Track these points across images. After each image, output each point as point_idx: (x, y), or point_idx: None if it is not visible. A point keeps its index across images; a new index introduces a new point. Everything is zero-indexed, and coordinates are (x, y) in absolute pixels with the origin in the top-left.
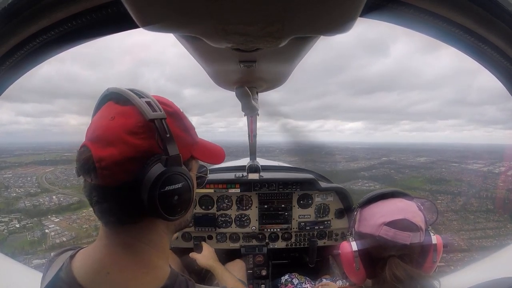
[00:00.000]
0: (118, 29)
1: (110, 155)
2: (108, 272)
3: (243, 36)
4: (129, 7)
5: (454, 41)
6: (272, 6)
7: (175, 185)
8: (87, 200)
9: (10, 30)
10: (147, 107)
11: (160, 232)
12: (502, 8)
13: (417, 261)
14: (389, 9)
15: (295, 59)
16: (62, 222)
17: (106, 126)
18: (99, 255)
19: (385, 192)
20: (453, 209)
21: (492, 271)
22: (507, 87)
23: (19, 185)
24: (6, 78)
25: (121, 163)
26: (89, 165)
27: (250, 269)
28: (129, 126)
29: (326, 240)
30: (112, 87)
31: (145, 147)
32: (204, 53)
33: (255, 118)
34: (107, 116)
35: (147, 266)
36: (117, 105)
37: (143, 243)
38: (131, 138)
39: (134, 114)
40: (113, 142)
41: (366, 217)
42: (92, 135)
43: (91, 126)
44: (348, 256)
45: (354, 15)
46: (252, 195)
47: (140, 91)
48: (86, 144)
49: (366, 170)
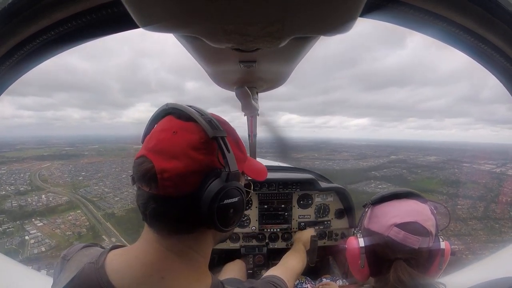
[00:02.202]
0: (118, 29)
1: (174, 167)
2: (162, 276)
3: (243, 36)
4: (129, 7)
5: (454, 41)
6: (272, 6)
7: (232, 199)
8: (139, 208)
9: (10, 30)
10: (209, 124)
11: (208, 242)
12: (502, 8)
13: (423, 266)
14: (389, 9)
15: (295, 59)
16: (45, 227)
17: (169, 139)
18: (150, 259)
19: (400, 192)
20: (476, 216)
21: (492, 271)
22: (507, 87)
23: (10, 182)
24: (6, 78)
25: (184, 175)
26: (150, 175)
27: (250, 269)
28: (193, 141)
29: (326, 240)
30: (172, 103)
31: (206, 162)
32: (204, 53)
33: (255, 118)
34: (169, 130)
35: (199, 273)
36: (179, 121)
37: (194, 251)
38: (194, 153)
39: (196, 130)
40: (177, 156)
41: (378, 215)
42: (154, 147)
43: (152, 138)
44: (354, 251)
45: (354, 15)
46: (252, 195)
47: (199, 109)
48: (146, 155)
49: (377, 169)
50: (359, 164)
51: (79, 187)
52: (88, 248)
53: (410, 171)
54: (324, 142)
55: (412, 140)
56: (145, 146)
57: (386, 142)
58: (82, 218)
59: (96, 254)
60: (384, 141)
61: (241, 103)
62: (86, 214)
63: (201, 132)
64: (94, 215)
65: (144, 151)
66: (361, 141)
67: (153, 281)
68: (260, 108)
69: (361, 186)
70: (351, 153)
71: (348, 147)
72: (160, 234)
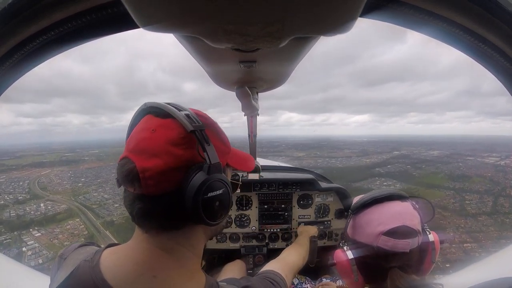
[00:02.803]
0: (118, 29)
1: (155, 165)
2: (154, 275)
3: (243, 36)
4: (129, 7)
5: (454, 41)
6: (272, 6)
7: (216, 192)
8: (126, 209)
9: (10, 30)
10: (187, 119)
11: (199, 238)
12: (502, 8)
13: (417, 264)
14: (389, 9)
15: (295, 59)
16: (43, 237)
17: (149, 138)
18: (142, 258)
19: (380, 195)
20: (485, 212)
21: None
22: (507, 87)
23: (9, 191)
24: (6, 79)
25: (165, 172)
26: (132, 175)
27: (250, 269)
28: (172, 137)
29: (326, 240)
30: (150, 102)
31: (187, 156)
32: (204, 53)
33: (255, 118)
34: (148, 129)
35: (191, 272)
36: (158, 118)
37: (185, 248)
38: (174, 149)
39: (175, 126)
40: (157, 154)
41: (362, 225)
42: (135, 148)
43: (132, 139)
44: (344, 265)
45: (354, 15)
46: (252, 195)
47: (178, 105)
48: (128, 156)
49: (381, 166)
50: (362, 161)
51: (78, 194)
52: (85, 247)
53: (414, 166)
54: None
55: (413, 135)
56: (127, 148)
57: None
58: (81, 227)
59: (91, 252)
60: (385, 136)
61: (241, 103)
62: (85, 222)
63: (180, 127)
64: (93, 223)
65: (126, 153)
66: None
67: (145, 280)
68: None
69: (366, 184)
70: (353, 150)
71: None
72: (149, 233)
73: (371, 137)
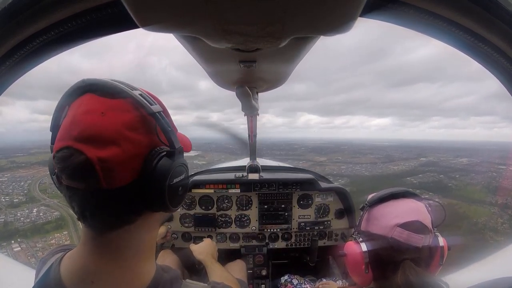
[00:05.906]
0: (118, 29)
1: (113, 155)
2: (92, 281)
3: (243, 36)
4: (129, 8)
5: (454, 41)
6: (272, 6)
7: (180, 177)
8: (73, 209)
9: (10, 30)
10: (143, 100)
11: (152, 228)
12: (502, 8)
13: (426, 264)
14: (389, 9)
15: (295, 59)
16: (21, 253)
17: (99, 123)
18: (83, 262)
19: (397, 191)
20: None
21: (492, 271)
22: (507, 87)
23: (8, 192)
24: (6, 79)
25: (125, 161)
26: (85, 169)
27: (250, 269)
28: (128, 121)
29: (326, 240)
30: (90, 78)
31: (146, 142)
32: (204, 53)
33: (255, 118)
34: (95, 111)
35: (133, 271)
36: (105, 99)
37: (134, 243)
38: (132, 133)
39: (129, 108)
40: (113, 140)
41: (377, 217)
42: (81, 135)
43: (75, 124)
44: (356, 257)
45: (354, 15)
46: (252, 195)
47: (126, 83)
48: (72, 145)
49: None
50: (389, 168)
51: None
52: (64, 251)
53: (447, 176)
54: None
55: (435, 140)
56: (66, 135)
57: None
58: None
59: (63, 255)
60: (406, 141)
61: (241, 103)
62: (71, 237)
63: (135, 109)
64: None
65: (67, 141)
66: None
67: (86, 286)
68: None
69: None
70: (376, 155)
71: (372, 149)
72: (98, 232)
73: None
